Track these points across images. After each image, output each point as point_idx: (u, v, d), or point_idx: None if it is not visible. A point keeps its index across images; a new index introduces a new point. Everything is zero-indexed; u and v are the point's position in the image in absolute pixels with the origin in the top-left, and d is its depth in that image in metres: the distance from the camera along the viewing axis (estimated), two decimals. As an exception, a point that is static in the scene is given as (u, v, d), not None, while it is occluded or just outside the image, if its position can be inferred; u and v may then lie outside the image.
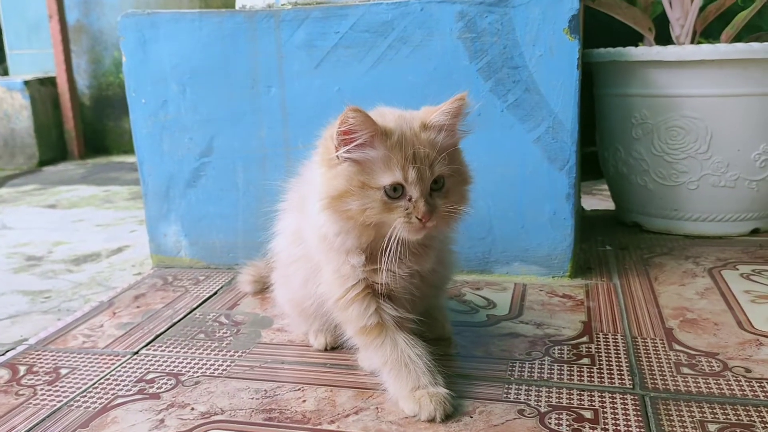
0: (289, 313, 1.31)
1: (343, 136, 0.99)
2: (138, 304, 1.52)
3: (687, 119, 1.73)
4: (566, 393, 1.07)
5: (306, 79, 1.57)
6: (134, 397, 1.11)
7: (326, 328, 1.24)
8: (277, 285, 1.31)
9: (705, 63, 1.68)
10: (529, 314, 1.38)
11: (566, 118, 1.47)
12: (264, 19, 1.56)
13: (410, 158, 1.00)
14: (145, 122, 1.67)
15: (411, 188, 0.99)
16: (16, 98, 3.62)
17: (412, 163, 0.99)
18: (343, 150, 1.00)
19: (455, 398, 1.04)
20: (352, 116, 0.97)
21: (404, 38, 1.50)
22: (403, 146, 1.00)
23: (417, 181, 0.99)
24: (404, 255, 1.06)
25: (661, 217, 1.86)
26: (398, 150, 1.00)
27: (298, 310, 1.25)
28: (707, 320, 1.32)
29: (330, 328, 1.23)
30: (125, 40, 1.65)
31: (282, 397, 1.09)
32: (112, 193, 2.92)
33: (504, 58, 1.47)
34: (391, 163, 0.99)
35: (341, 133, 0.99)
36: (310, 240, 1.12)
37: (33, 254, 2.04)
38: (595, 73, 1.95)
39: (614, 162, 1.91)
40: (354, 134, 0.99)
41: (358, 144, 0.99)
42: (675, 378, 1.11)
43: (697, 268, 1.60)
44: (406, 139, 1.01)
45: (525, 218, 1.54)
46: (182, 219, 1.71)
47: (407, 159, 1.00)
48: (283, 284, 1.28)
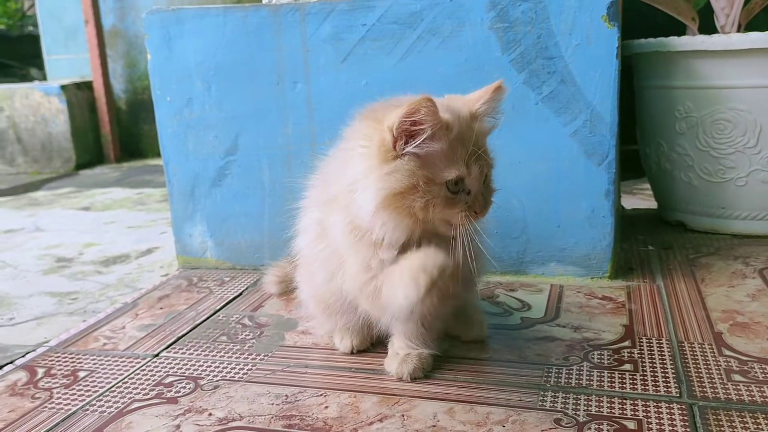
0: (313, 311, 1.25)
1: (412, 126, 0.93)
2: (161, 305, 1.49)
3: (734, 112, 1.64)
4: (607, 401, 1.00)
5: (332, 73, 1.52)
6: (151, 401, 1.07)
7: (352, 328, 1.19)
8: (301, 283, 1.26)
9: (753, 52, 1.59)
10: (566, 317, 1.30)
11: (605, 111, 1.39)
12: (289, 12, 1.51)
13: (471, 152, 0.96)
14: (171, 121, 1.64)
15: (471, 182, 0.97)
16: (54, 103, 3.65)
17: (472, 156, 0.96)
18: (410, 144, 0.94)
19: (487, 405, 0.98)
20: (425, 106, 0.91)
21: (434, 29, 1.44)
22: (463, 139, 0.96)
23: (478, 174, 0.97)
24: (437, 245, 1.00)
25: (707, 216, 1.76)
26: (459, 143, 0.96)
27: (322, 307, 1.20)
28: (759, 324, 1.23)
29: (355, 328, 1.18)
30: (150, 38, 1.62)
31: (303, 403, 1.04)
32: (145, 195, 2.92)
33: (538, 49, 1.40)
34: (454, 157, 0.95)
35: (410, 123, 0.92)
36: (336, 234, 1.06)
37: (63, 256, 2.03)
38: (636, 64, 1.86)
39: (656, 158, 1.82)
40: (423, 126, 0.92)
41: (425, 137, 0.93)
42: (726, 386, 1.02)
43: (747, 269, 1.50)
44: (463, 131, 0.97)
45: (561, 216, 1.46)
46: (208, 219, 1.68)
47: (469, 153, 0.96)
48: (306, 281, 1.23)
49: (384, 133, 0.95)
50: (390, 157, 0.95)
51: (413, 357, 1.10)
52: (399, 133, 0.93)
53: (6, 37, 5.15)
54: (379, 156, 0.95)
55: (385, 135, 0.94)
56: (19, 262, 1.97)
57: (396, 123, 0.92)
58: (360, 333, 1.19)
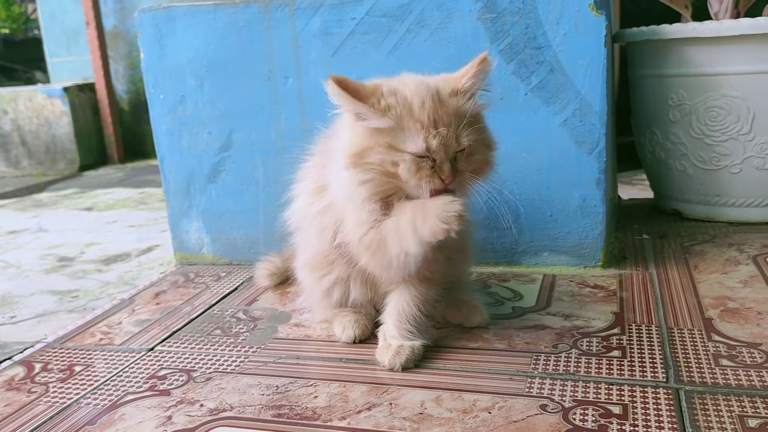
0: (308, 285, 1.27)
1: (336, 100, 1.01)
2: (158, 301, 1.51)
3: (727, 99, 1.63)
4: (593, 387, 1.01)
5: (323, 67, 1.53)
6: (144, 393, 1.08)
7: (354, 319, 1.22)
8: (297, 253, 1.29)
9: (745, 38, 1.58)
10: (558, 306, 1.31)
11: (594, 99, 1.39)
12: (279, 8, 1.52)
13: (429, 127, 0.99)
14: (165, 119, 1.66)
15: (435, 153, 1.00)
16: (57, 105, 3.68)
17: (431, 131, 0.99)
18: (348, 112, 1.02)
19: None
20: (330, 89, 1.00)
21: (422, 21, 1.45)
22: (419, 115, 1.00)
23: (440, 149, 0.99)
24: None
25: (702, 204, 1.76)
26: (412, 120, 0.99)
27: (317, 276, 1.22)
28: (750, 309, 1.23)
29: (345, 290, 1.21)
30: (143, 36, 1.63)
31: (293, 393, 1.05)
32: (147, 194, 2.95)
33: (526, 39, 1.40)
34: (409, 133, 0.99)
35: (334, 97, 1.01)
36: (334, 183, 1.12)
37: (65, 255, 2.05)
38: (629, 53, 1.86)
39: (651, 147, 1.82)
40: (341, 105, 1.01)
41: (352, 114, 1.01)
42: (713, 370, 1.03)
43: (741, 256, 1.50)
44: (424, 108, 1.00)
45: (553, 206, 1.47)
46: (203, 215, 1.70)
47: (425, 128, 0.99)
48: (302, 249, 1.26)
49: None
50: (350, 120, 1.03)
51: (406, 348, 1.11)
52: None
53: (10, 40, 5.18)
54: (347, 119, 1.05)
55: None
56: (22, 262, 2.00)
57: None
58: (361, 322, 1.21)
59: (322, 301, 1.24)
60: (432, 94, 1.01)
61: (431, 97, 1.01)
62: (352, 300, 1.21)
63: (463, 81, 1.03)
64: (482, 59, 1.03)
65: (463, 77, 1.03)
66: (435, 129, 0.99)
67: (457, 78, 1.04)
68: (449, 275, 1.21)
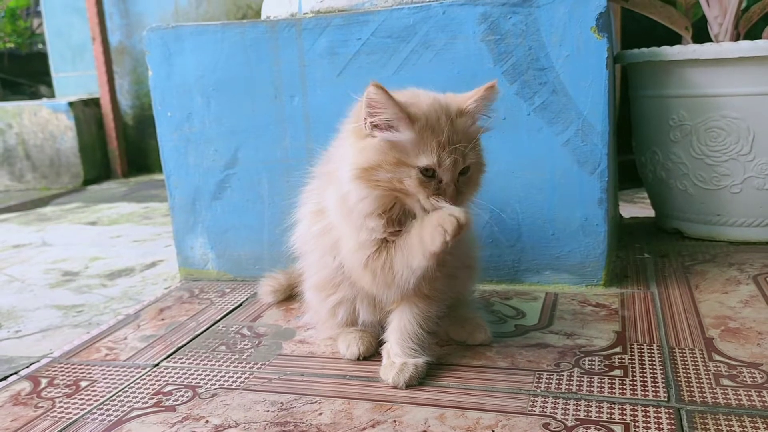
0: (314, 305, 1.29)
1: (369, 109, 1.01)
2: (163, 316, 1.52)
3: (727, 120, 1.65)
4: (596, 406, 1.01)
5: (329, 87, 1.55)
6: (150, 409, 1.09)
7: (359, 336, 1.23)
8: (305, 276, 1.30)
9: (745, 60, 1.60)
10: (560, 324, 1.32)
11: (596, 120, 1.41)
12: (285, 28, 1.55)
13: (444, 143, 1.02)
14: (171, 136, 1.68)
15: (443, 173, 1.02)
16: (61, 119, 3.71)
17: (446, 148, 1.01)
18: (369, 123, 1.02)
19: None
20: (373, 91, 1.00)
21: (427, 42, 1.47)
22: (436, 131, 1.02)
23: (450, 167, 1.02)
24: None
25: (703, 223, 1.77)
26: (432, 133, 1.02)
27: (321, 294, 1.24)
28: (750, 329, 1.24)
29: (351, 310, 1.22)
30: (151, 55, 1.66)
31: (298, 410, 1.06)
32: (151, 209, 2.96)
33: (530, 60, 1.42)
34: (424, 147, 1.02)
35: (367, 107, 1.01)
36: (330, 205, 1.14)
37: (70, 269, 2.07)
38: (630, 74, 1.88)
39: (652, 166, 1.84)
40: (377, 110, 1.01)
41: (382, 122, 1.01)
42: (714, 390, 1.04)
43: (742, 276, 1.51)
44: (440, 124, 1.03)
45: (555, 225, 1.48)
46: (208, 231, 1.71)
47: (441, 144, 1.02)
48: (307, 272, 1.28)
49: (359, 111, 1.04)
50: (362, 135, 1.04)
51: (410, 366, 1.12)
52: (365, 114, 1.02)
53: (16, 55, 5.23)
54: (356, 133, 1.05)
55: (360, 113, 1.04)
56: (27, 276, 2.01)
57: (363, 104, 1.02)
58: (365, 339, 1.23)
59: (328, 320, 1.25)
60: (446, 111, 1.04)
61: (446, 114, 1.03)
62: (361, 320, 1.23)
63: (468, 103, 1.06)
64: (490, 86, 1.07)
65: (469, 99, 1.06)
66: (450, 146, 1.01)
67: (464, 99, 1.07)
68: (452, 292, 1.22)
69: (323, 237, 1.18)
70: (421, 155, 1.01)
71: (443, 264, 1.13)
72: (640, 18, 1.89)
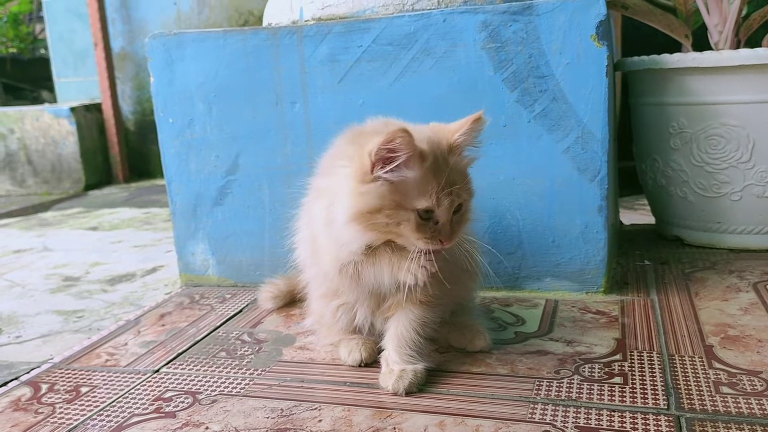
0: (319, 311, 1.29)
1: (387, 154, 0.99)
2: (163, 322, 1.52)
3: (727, 127, 1.66)
4: (595, 413, 1.02)
5: (329, 94, 1.55)
6: (150, 415, 1.09)
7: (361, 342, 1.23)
8: (309, 290, 1.31)
9: (744, 68, 1.61)
10: (560, 331, 1.32)
11: (596, 128, 1.41)
12: (287, 35, 1.55)
13: (444, 184, 1.02)
14: (173, 142, 1.68)
15: (440, 214, 1.03)
16: (63, 124, 3.72)
17: (444, 188, 1.02)
18: (382, 170, 1.00)
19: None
20: (400, 136, 0.97)
21: (427, 50, 1.47)
22: (437, 171, 1.02)
23: (447, 207, 1.03)
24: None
25: (703, 230, 1.78)
26: (433, 174, 1.02)
27: (324, 301, 1.24)
28: (750, 337, 1.24)
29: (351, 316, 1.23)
30: (153, 61, 1.67)
31: (298, 417, 1.06)
32: (152, 214, 2.97)
33: (530, 68, 1.43)
34: (426, 188, 1.01)
35: (386, 150, 0.99)
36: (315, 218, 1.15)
37: (70, 275, 2.07)
38: (630, 81, 1.89)
39: (652, 174, 1.84)
40: (397, 154, 0.99)
41: (397, 165, 1.00)
42: (713, 398, 1.04)
43: (742, 283, 1.52)
44: (439, 163, 1.03)
45: (555, 232, 1.48)
46: (209, 237, 1.71)
47: (441, 185, 1.02)
48: (311, 286, 1.29)
49: (364, 158, 1.02)
50: (366, 180, 1.02)
51: (408, 372, 1.12)
52: (376, 159, 1.00)
53: (18, 60, 5.24)
54: (357, 177, 1.03)
55: (365, 159, 1.02)
56: (28, 282, 2.01)
57: (374, 149, 0.99)
58: (368, 345, 1.23)
59: (331, 326, 1.25)
60: (442, 148, 1.04)
61: (441, 151, 1.04)
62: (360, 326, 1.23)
63: (456, 136, 1.06)
64: (477, 118, 1.07)
65: (457, 132, 1.06)
66: (448, 187, 1.02)
67: (452, 132, 1.07)
68: (452, 299, 1.23)
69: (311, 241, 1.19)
70: (421, 198, 1.01)
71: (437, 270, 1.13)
72: (641, 25, 1.90)
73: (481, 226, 1.45)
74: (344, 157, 1.07)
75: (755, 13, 1.77)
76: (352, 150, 1.05)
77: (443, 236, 1.03)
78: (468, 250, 1.17)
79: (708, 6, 1.78)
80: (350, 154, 1.05)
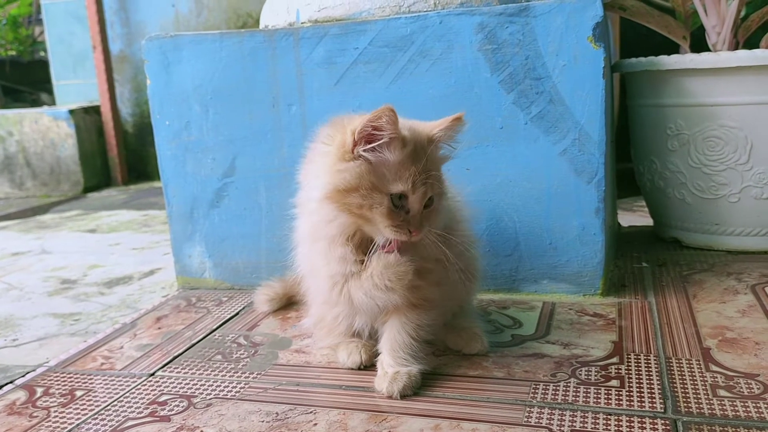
0: (316, 314, 1.29)
1: (372, 131, 1.01)
2: (159, 325, 1.52)
3: (725, 129, 1.65)
4: (591, 417, 1.01)
5: (326, 96, 1.55)
6: (145, 419, 1.09)
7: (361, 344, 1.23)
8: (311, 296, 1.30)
9: (742, 70, 1.61)
10: (557, 334, 1.31)
11: (593, 130, 1.41)
12: (283, 37, 1.55)
13: (420, 171, 1.03)
14: (169, 144, 1.68)
15: (413, 202, 1.04)
16: (62, 127, 3.71)
17: (420, 176, 1.03)
18: (364, 147, 1.02)
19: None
20: (387, 114, 0.99)
21: (424, 52, 1.47)
22: (415, 158, 1.04)
23: (420, 196, 1.04)
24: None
25: (701, 232, 1.77)
26: (410, 160, 1.03)
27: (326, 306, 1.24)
28: (748, 339, 1.24)
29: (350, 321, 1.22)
30: (149, 64, 1.66)
31: (293, 420, 1.05)
32: (150, 217, 2.96)
33: (526, 69, 1.43)
34: (404, 172, 1.02)
35: (371, 128, 1.00)
36: (303, 237, 1.18)
37: (68, 278, 2.07)
38: (628, 83, 1.88)
39: (650, 175, 1.84)
40: (381, 133, 1.01)
41: (379, 144, 1.01)
42: (711, 401, 1.03)
43: (740, 285, 1.51)
44: (417, 151, 1.04)
45: (553, 234, 1.48)
46: (206, 240, 1.71)
47: (418, 171, 1.03)
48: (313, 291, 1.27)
49: (346, 135, 1.03)
50: (346, 158, 1.03)
51: (403, 375, 1.12)
52: (360, 137, 1.02)
53: (17, 62, 5.24)
54: (337, 155, 1.04)
55: (347, 137, 1.03)
56: (25, 284, 2.01)
57: (359, 127, 1.01)
58: (367, 348, 1.22)
59: (332, 329, 1.25)
60: (421, 138, 1.05)
61: (421, 141, 1.05)
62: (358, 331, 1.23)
63: (436, 131, 1.07)
64: (458, 117, 1.09)
65: (438, 127, 1.08)
66: (423, 174, 1.03)
67: (432, 126, 1.09)
68: (449, 301, 1.22)
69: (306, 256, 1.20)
70: (398, 182, 1.02)
71: (427, 273, 1.13)
72: (639, 26, 1.90)
73: (478, 228, 1.44)
74: (324, 137, 1.09)
75: (753, 14, 1.77)
76: (332, 130, 1.07)
77: (412, 226, 1.04)
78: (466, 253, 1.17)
79: (706, 7, 1.78)
80: (331, 133, 1.07)
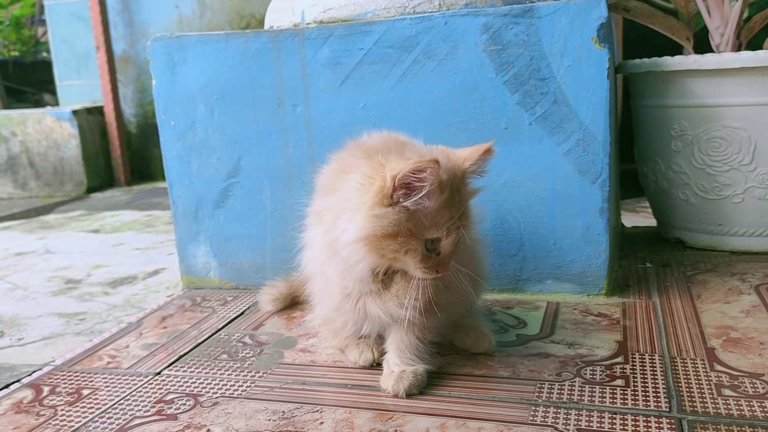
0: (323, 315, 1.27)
1: (414, 183, 0.96)
2: (165, 324, 1.52)
3: (729, 129, 1.66)
4: (597, 416, 1.01)
5: (331, 96, 1.56)
6: (152, 418, 1.09)
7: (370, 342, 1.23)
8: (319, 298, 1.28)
9: (746, 71, 1.61)
10: (561, 334, 1.32)
11: (597, 130, 1.41)
12: (288, 38, 1.56)
13: (455, 216, 1.01)
14: (174, 144, 1.68)
15: (446, 246, 1.02)
16: (65, 127, 3.72)
17: (455, 221, 1.01)
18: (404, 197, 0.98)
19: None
20: (431, 168, 0.95)
21: (429, 53, 1.48)
22: (451, 202, 1.01)
23: (453, 239, 1.02)
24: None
25: (705, 233, 1.77)
26: (447, 206, 1.00)
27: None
28: (752, 339, 1.24)
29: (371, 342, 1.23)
30: (155, 64, 1.67)
31: (299, 419, 1.06)
32: (154, 217, 2.97)
33: (531, 70, 1.43)
34: (440, 219, 1.00)
35: (414, 179, 0.96)
36: (315, 244, 1.15)
37: (72, 277, 2.07)
38: (632, 83, 1.89)
39: (654, 176, 1.84)
40: (424, 184, 0.96)
41: (421, 195, 0.97)
42: (715, 400, 1.04)
43: (744, 285, 1.51)
44: (453, 195, 1.01)
45: (557, 234, 1.48)
46: (211, 240, 1.72)
47: (453, 217, 1.01)
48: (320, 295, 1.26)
49: (386, 180, 0.98)
50: (384, 203, 0.99)
51: (408, 374, 1.12)
52: (400, 184, 0.97)
53: (20, 63, 5.24)
54: (375, 198, 0.99)
55: (387, 182, 0.98)
56: (29, 284, 2.01)
57: (400, 175, 0.96)
58: (377, 346, 1.22)
59: (340, 331, 1.24)
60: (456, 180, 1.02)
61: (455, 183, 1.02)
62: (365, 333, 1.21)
63: (467, 165, 1.04)
64: (488, 149, 1.05)
65: (467, 161, 1.04)
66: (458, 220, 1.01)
67: (461, 160, 1.05)
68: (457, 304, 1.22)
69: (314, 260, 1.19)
70: (434, 228, 1.00)
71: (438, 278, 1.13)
72: (642, 27, 1.90)
73: (483, 228, 1.44)
74: (359, 173, 1.03)
75: (757, 15, 1.77)
76: (369, 167, 1.02)
77: (441, 267, 1.03)
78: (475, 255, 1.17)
79: (709, 8, 1.79)
80: (368, 172, 1.01)
